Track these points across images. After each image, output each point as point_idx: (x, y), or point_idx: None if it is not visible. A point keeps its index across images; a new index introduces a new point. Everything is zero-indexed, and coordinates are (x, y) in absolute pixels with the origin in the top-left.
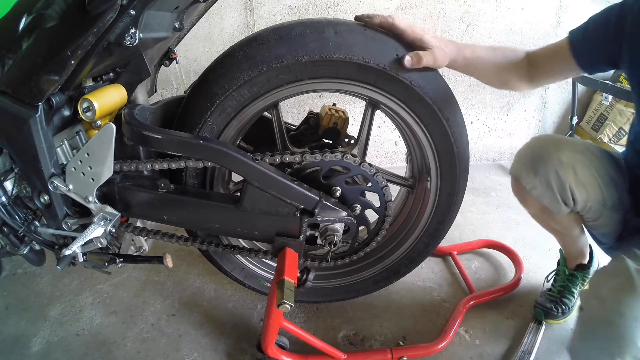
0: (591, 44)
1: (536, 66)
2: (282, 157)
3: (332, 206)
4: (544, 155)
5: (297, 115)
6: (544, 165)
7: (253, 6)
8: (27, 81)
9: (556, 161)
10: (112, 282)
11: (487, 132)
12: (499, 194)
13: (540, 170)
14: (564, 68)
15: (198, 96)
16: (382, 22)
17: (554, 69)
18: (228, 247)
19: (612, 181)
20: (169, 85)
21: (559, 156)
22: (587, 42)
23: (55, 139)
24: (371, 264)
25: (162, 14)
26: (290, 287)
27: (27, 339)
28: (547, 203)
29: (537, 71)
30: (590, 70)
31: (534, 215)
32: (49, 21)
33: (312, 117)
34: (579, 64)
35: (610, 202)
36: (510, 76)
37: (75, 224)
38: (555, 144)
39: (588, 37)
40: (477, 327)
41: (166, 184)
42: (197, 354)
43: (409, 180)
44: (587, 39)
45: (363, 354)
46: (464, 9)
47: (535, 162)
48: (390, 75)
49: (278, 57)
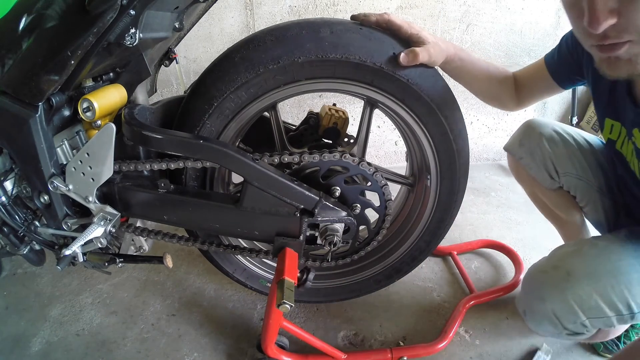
0: (565, 63)
1: (521, 87)
2: (281, 157)
3: (332, 206)
4: (530, 131)
5: (297, 116)
6: (529, 138)
7: (253, 6)
8: (27, 81)
9: (538, 135)
10: (112, 282)
11: (487, 132)
12: (499, 194)
13: (525, 142)
14: (546, 87)
15: (196, 98)
16: (379, 19)
17: (537, 89)
18: (228, 247)
19: (598, 164)
20: (169, 85)
21: (541, 132)
22: (561, 60)
23: (55, 139)
24: (373, 263)
25: (162, 14)
26: (290, 287)
27: (27, 339)
28: (534, 173)
29: (523, 91)
30: (569, 86)
31: (530, 194)
32: (49, 21)
33: (312, 117)
34: (557, 82)
35: (597, 184)
36: (502, 92)
37: (75, 224)
38: (542, 122)
39: (561, 56)
40: (477, 327)
41: (166, 184)
42: (197, 354)
43: (409, 179)
44: (560, 57)
45: (363, 354)
46: (464, 9)
47: (523, 137)
48: (387, 73)
49: (275, 59)
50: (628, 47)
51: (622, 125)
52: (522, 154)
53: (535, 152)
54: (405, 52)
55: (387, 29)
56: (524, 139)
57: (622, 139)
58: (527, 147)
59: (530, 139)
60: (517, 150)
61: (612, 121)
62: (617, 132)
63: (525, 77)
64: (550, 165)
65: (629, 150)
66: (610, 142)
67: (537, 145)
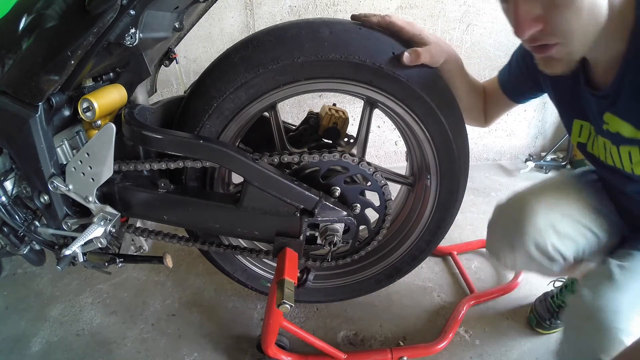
0: (516, 80)
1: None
2: (281, 157)
3: (331, 206)
4: (518, 227)
5: (297, 116)
6: (520, 239)
7: (253, 6)
8: (27, 81)
9: (532, 230)
10: (112, 282)
11: (487, 132)
12: (499, 194)
13: (517, 245)
14: (502, 104)
15: (196, 99)
16: (380, 21)
17: (496, 105)
18: (228, 247)
19: (597, 212)
20: (169, 85)
21: (533, 223)
22: (513, 78)
23: (55, 139)
24: (373, 262)
25: (162, 14)
26: (290, 287)
27: (27, 339)
28: (535, 271)
29: (487, 107)
30: (523, 102)
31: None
32: (49, 21)
33: (312, 117)
34: (512, 99)
35: (603, 235)
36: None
37: (75, 224)
38: (526, 208)
39: (512, 73)
40: (477, 327)
41: (166, 184)
42: (197, 354)
43: (409, 179)
44: (512, 75)
45: (363, 354)
46: (464, 9)
47: (510, 237)
48: (386, 73)
49: (274, 59)
50: (558, 48)
51: (590, 123)
52: (516, 260)
53: (532, 252)
54: (408, 51)
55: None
56: (514, 241)
57: (592, 139)
58: (521, 249)
59: (524, 239)
60: (509, 257)
61: (581, 122)
62: (586, 133)
63: (487, 92)
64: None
65: (600, 147)
66: (581, 146)
67: (533, 244)
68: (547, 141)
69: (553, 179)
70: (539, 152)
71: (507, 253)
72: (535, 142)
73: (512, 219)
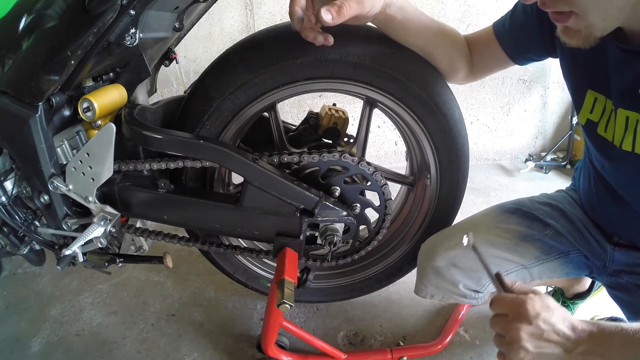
0: (520, 31)
1: (473, 53)
2: (281, 157)
3: (331, 206)
4: (422, 269)
5: (297, 116)
6: (426, 279)
7: (253, 6)
8: (27, 81)
9: (431, 271)
10: (112, 282)
11: (487, 132)
12: (499, 194)
13: (425, 282)
14: (495, 57)
15: (195, 100)
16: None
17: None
18: (228, 247)
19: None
20: (169, 85)
21: (432, 265)
22: (516, 29)
23: (55, 139)
24: (373, 262)
25: (162, 14)
26: (290, 286)
27: (27, 339)
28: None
29: (475, 59)
30: (522, 62)
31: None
32: (49, 21)
33: (312, 117)
34: (509, 55)
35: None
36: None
37: (75, 224)
38: (428, 252)
39: (515, 24)
40: (477, 327)
41: (166, 184)
42: (197, 354)
43: (409, 178)
44: (515, 25)
45: (363, 354)
46: (464, 9)
47: (422, 277)
48: (386, 73)
49: (273, 59)
50: (574, 19)
51: (606, 97)
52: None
53: (441, 289)
54: (325, 8)
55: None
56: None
57: (606, 116)
58: (432, 286)
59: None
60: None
61: (596, 94)
62: (600, 108)
63: (475, 43)
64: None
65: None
66: (589, 126)
67: (435, 284)
68: (547, 141)
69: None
70: (539, 152)
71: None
72: (535, 142)
73: (420, 263)
